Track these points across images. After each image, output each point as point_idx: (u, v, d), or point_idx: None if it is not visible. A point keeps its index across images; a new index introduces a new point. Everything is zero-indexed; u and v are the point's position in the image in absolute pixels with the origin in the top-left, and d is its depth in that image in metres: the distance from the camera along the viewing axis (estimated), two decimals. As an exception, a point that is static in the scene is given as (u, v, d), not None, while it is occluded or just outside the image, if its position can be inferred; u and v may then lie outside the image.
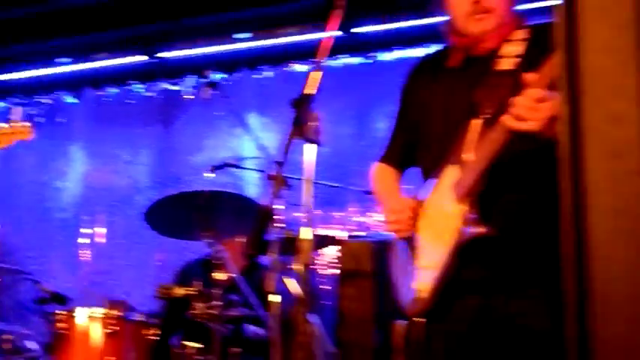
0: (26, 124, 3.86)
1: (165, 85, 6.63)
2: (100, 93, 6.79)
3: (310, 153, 2.09)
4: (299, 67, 6.14)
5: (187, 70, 6.47)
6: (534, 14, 2.56)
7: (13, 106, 6.04)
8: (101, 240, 6.47)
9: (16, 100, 6.93)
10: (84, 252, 6.48)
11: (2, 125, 3.83)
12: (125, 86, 6.71)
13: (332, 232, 5.63)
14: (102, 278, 6.34)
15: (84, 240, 6.50)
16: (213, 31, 6.18)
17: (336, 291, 4.81)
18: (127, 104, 6.70)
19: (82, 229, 6.52)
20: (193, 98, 6.43)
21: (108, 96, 6.78)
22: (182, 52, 6.35)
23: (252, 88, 6.29)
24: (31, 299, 4.25)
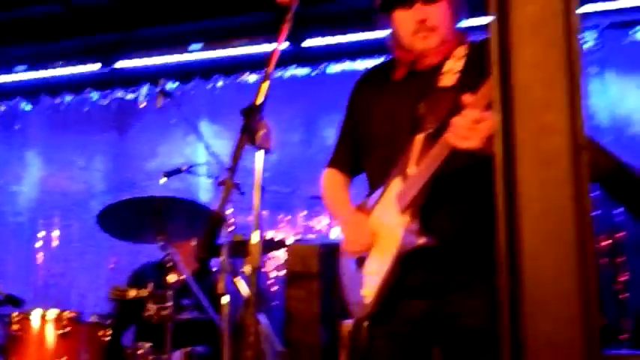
0: None
1: (120, 94, 6.57)
2: (57, 100, 6.71)
3: (260, 160, 2.09)
4: (250, 78, 6.13)
5: (142, 79, 6.44)
6: (477, 31, 2.59)
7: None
8: (56, 243, 6.39)
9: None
10: (39, 255, 6.39)
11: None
12: (81, 94, 6.63)
13: (280, 236, 5.64)
14: (56, 281, 6.26)
15: (39, 243, 6.41)
16: (167, 42, 6.16)
17: (285, 292, 4.82)
18: (83, 111, 6.62)
19: (38, 233, 6.43)
20: (148, 106, 6.39)
21: (64, 103, 6.70)
22: (137, 62, 6.30)
23: (204, 97, 6.27)
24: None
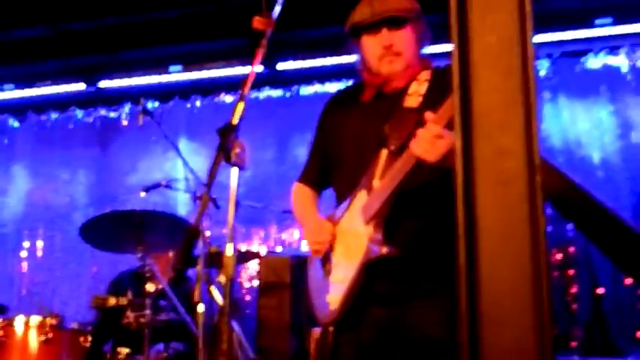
0: None
1: (103, 112, 6.56)
2: (43, 117, 6.67)
3: (235, 176, 2.08)
4: (226, 98, 6.12)
5: (124, 99, 6.43)
6: (440, 57, 2.60)
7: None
8: (40, 253, 6.32)
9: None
10: (23, 264, 6.31)
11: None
12: (66, 112, 6.61)
13: (253, 248, 5.62)
14: (40, 289, 6.18)
15: (24, 253, 6.34)
16: (148, 64, 6.15)
17: (257, 301, 4.80)
18: (68, 128, 6.58)
19: (22, 243, 6.36)
20: (129, 124, 6.36)
21: (50, 120, 6.65)
22: (120, 82, 6.28)
23: (183, 116, 6.27)
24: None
